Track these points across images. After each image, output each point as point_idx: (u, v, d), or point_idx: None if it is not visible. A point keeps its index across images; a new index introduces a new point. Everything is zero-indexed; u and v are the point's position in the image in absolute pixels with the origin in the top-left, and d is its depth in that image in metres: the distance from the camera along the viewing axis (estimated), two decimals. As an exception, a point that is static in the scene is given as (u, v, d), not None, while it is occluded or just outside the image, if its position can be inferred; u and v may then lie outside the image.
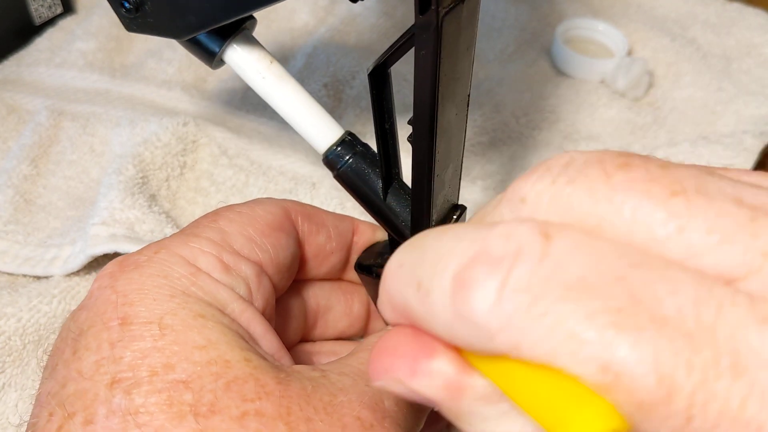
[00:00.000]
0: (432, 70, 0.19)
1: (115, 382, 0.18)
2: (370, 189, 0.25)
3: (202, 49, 0.25)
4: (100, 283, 0.21)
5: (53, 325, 0.31)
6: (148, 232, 0.33)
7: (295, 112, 0.25)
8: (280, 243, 0.24)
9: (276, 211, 0.24)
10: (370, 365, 0.14)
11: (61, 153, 0.41)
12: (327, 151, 0.25)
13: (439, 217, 0.25)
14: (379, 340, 0.14)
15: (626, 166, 0.12)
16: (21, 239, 0.36)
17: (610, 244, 0.11)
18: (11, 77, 0.47)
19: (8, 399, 0.29)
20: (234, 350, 0.19)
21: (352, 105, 0.43)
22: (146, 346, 0.19)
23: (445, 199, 0.25)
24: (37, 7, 0.50)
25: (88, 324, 0.20)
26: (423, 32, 0.19)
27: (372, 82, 0.23)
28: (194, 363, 0.18)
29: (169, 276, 0.21)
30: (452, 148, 0.24)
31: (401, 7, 0.52)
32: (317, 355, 0.28)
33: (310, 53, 0.46)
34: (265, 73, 0.25)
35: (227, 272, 0.22)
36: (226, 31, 0.24)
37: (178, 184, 0.39)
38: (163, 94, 0.45)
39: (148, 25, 0.24)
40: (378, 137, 0.24)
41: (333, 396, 0.20)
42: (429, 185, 0.22)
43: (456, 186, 0.26)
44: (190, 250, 0.22)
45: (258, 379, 0.19)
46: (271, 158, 0.40)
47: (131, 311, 0.19)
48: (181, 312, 0.20)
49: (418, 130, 0.21)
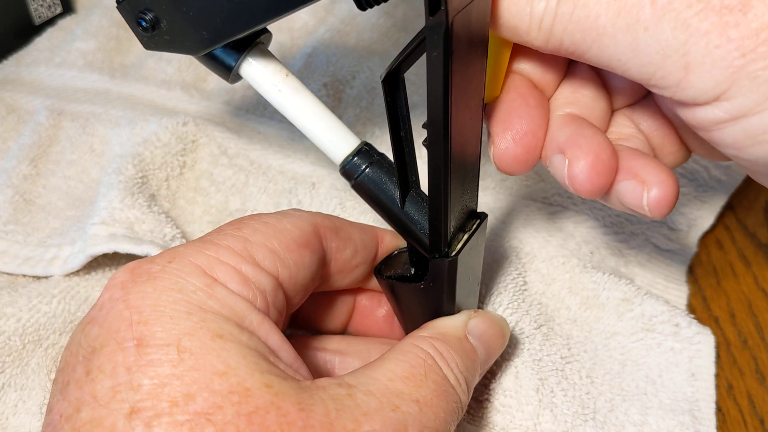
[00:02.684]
0: (444, 72, 0.19)
1: (134, 413, 0.17)
2: (387, 197, 0.25)
3: (219, 64, 0.25)
4: (112, 294, 0.20)
5: (53, 325, 0.31)
6: (147, 231, 0.33)
7: (311, 124, 0.25)
8: (303, 261, 0.23)
9: (304, 226, 0.24)
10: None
11: (61, 153, 0.41)
12: (344, 161, 0.25)
13: (457, 223, 0.25)
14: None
15: None
16: (21, 239, 0.35)
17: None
18: (11, 77, 0.47)
19: (8, 399, 0.29)
20: (254, 375, 0.19)
21: (352, 105, 0.43)
22: (165, 372, 0.18)
23: (463, 205, 0.25)
24: (36, 7, 0.50)
25: (100, 342, 0.19)
26: (433, 33, 0.19)
27: (386, 89, 0.23)
28: (215, 392, 0.18)
29: (184, 289, 0.20)
30: (468, 153, 0.23)
31: (401, 6, 0.52)
32: (323, 351, 0.27)
33: (309, 53, 0.46)
34: (282, 87, 0.25)
35: (245, 284, 0.21)
36: (241, 45, 0.25)
37: (178, 184, 0.39)
38: (162, 94, 0.45)
39: (164, 43, 0.25)
40: (393, 144, 0.24)
41: (357, 424, 0.19)
42: (446, 189, 0.22)
43: (474, 192, 0.25)
44: (207, 259, 0.21)
45: (279, 407, 0.18)
46: (270, 158, 0.40)
47: (147, 331, 0.19)
48: (199, 332, 0.19)
49: (432, 134, 0.21)
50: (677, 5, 0.19)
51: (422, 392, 0.21)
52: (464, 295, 0.26)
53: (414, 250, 0.26)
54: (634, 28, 0.19)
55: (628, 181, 0.23)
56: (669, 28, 0.19)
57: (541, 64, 0.25)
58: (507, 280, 0.33)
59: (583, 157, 0.23)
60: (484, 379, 0.30)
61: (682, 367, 0.31)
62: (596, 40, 0.20)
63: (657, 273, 0.35)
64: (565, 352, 0.31)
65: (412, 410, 0.21)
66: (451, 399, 0.22)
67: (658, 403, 0.29)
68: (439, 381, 0.22)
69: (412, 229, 0.25)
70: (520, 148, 0.24)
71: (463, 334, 0.25)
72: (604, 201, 0.25)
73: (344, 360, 0.27)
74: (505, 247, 0.35)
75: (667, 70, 0.20)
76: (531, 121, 0.24)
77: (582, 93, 0.25)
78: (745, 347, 0.32)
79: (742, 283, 0.35)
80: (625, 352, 0.31)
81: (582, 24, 0.20)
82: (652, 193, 0.23)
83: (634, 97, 0.26)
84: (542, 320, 0.32)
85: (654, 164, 0.23)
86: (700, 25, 0.19)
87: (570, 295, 0.33)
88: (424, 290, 0.25)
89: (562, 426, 0.28)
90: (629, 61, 0.20)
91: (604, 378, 0.30)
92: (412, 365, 0.22)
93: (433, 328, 0.25)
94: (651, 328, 0.32)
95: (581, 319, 0.33)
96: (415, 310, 0.27)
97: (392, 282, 0.26)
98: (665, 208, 0.23)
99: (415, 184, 0.25)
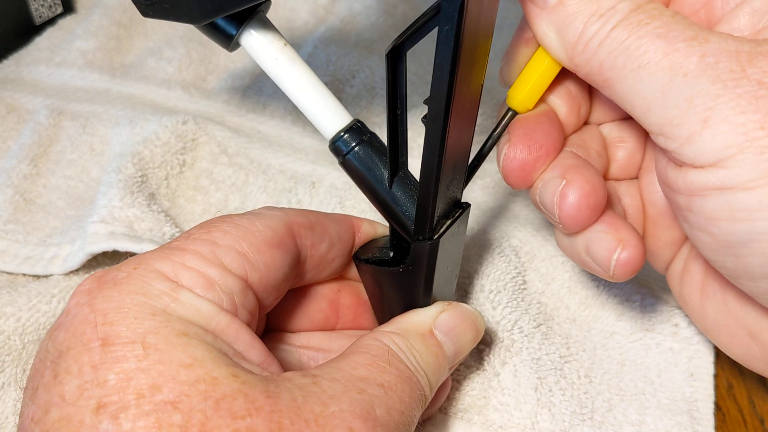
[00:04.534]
0: (454, 46, 0.20)
1: (101, 407, 0.18)
2: (375, 177, 0.25)
3: (220, 33, 0.25)
4: (78, 300, 0.20)
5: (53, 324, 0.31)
6: (147, 230, 0.33)
7: (304, 95, 0.25)
8: (274, 263, 0.23)
9: (277, 226, 0.24)
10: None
11: (61, 152, 0.41)
12: (334, 137, 0.25)
13: (443, 210, 0.25)
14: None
15: None
16: (20, 238, 0.36)
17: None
18: (11, 76, 0.47)
19: (8, 398, 0.29)
20: (220, 366, 0.19)
21: (352, 104, 0.43)
22: (130, 367, 0.18)
23: (450, 190, 0.25)
24: (37, 6, 0.50)
25: (66, 345, 0.19)
26: (449, 6, 0.19)
27: (389, 63, 0.23)
28: (181, 382, 0.18)
29: (149, 293, 0.20)
30: (462, 137, 0.24)
31: (401, 5, 0.52)
32: (305, 349, 0.27)
33: (310, 52, 0.46)
34: (278, 55, 0.25)
35: (210, 288, 0.21)
36: (242, 14, 0.24)
37: (178, 183, 0.39)
38: (162, 93, 0.45)
39: (164, 11, 0.24)
40: (389, 122, 0.24)
41: (324, 406, 0.19)
42: (438, 169, 0.22)
43: (461, 180, 0.26)
44: (172, 264, 0.21)
45: (247, 394, 0.19)
46: (270, 157, 0.40)
47: (112, 331, 0.19)
48: (163, 330, 0.19)
49: (433, 109, 0.22)
50: (722, 67, 0.20)
51: (386, 377, 0.22)
52: (441, 284, 0.26)
53: (395, 234, 0.26)
54: (675, 71, 0.21)
55: (604, 234, 0.24)
56: (707, 80, 0.20)
57: (571, 104, 0.26)
58: (506, 279, 0.33)
59: (580, 185, 0.24)
60: (483, 377, 0.30)
61: (680, 367, 0.31)
62: (634, 71, 0.21)
63: (657, 273, 0.35)
64: (563, 352, 0.31)
65: (377, 393, 0.21)
66: (415, 387, 0.23)
67: (657, 403, 0.29)
68: (402, 368, 0.23)
69: (397, 212, 0.25)
70: (531, 158, 0.25)
71: (428, 329, 0.25)
72: (566, 248, 0.26)
73: (328, 356, 0.27)
74: (504, 246, 0.35)
75: (686, 118, 0.20)
76: (548, 140, 0.25)
77: (591, 145, 0.27)
78: (744, 347, 0.32)
79: (741, 282, 0.35)
80: (623, 352, 0.31)
81: (629, 52, 0.21)
82: (624, 253, 0.24)
83: (635, 170, 0.28)
84: (541, 319, 0.32)
85: (632, 229, 0.25)
86: (736, 89, 0.20)
87: (569, 294, 0.33)
88: (402, 274, 0.25)
89: (560, 425, 0.28)
90: (655, 101, 0.21)
91: (603, 377, 0.30)
92: (374, 355, 0.23)
93: (397, 324, 0.25)
94: (650, 328, 0.32)
95: (580, 319, 0.33)
96: (390, 297, 0.27)
97: (370, 266, 0.26)
98: (630, 272, 0.24)
99: (404, 165, 0.25)
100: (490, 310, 0.31)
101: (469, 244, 0.35)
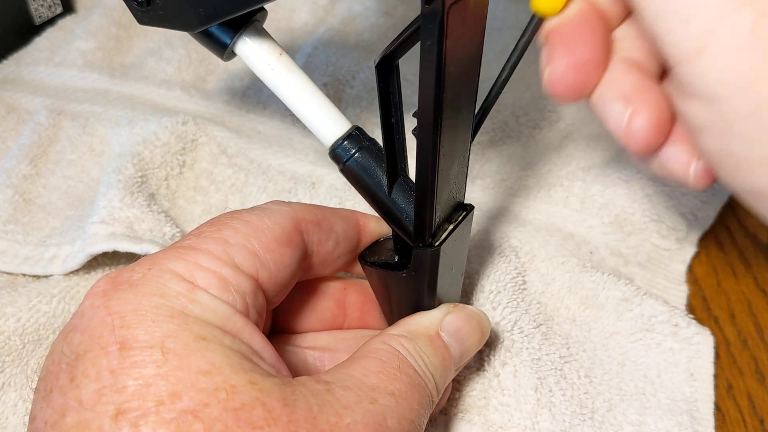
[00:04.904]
0: (437, 62, 0.19)
1: (120, 413, 0.17)
2: (375, 184, 0.25)
3: (214, 42, 0.25)
4: (92, 302, 0.20)
5: (53, 324, 0.31)
6: (147, 231, 0.33)
7: (303, 104, 0.25)
8: (283, 261, 0.23)
9: (285, 223, 0.24)
10: None
11: (61, 152, 0.41)
12: (333, 144, 0.25)
13: (444, 214, 0.25)
14: None
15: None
16: (20, 239, 0.35)
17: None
18: (11, 77, 0.47)
19: (8, 398, 0.29)
20: (239, 373, 0.19)
21: (352, 105, 0.43)
22: (149, 372, 0.18)
23: (450, 196, 0.25)
24: (37, 6, 0.50)
25: (83, 348, 0.19)
26: (429, 22, 0.19)
27: (379, 75, 0.23)
28: (201, 390, 0.18)
29: (166, 294, 0.20)
30: (458, 145, 0.23)
31: (401, 6, 0.52)
32: (313, 350, 0.27)
33: (309, 53, 0.46)
34: (275, 65, 0.25)
35: (225, 288, 0.21)
36: (237, 23, 0.24)
37: (178, 183, 0.39)
38: (162, 94, 0.45)
39: (159, 18, 0.24)
40: (384, 131, 0.24)
41: (339, 417, 0.19)
42: (433, 179, 0.22)
43: (462, 184, 0.25)
44: (186, 264, 0.21)
45: (264, 403, 0.18)
46: (270, 158, 0.40)
47: (129, 334, 0.19)
48: (182, 334, 0.19)
49: (422, 123, 0.21)
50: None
51: (396, 385, 0.22)
52: (446, 286, 0.26)
53: (399, 238, 0.26)
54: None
55: (678, 146, 0.23)
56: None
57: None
58: (506, 280, 0.33)
59: (647, 113, 0.22)
60: (483, 378, 0.30)
61: (680, 368, 0.31)
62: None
63: (656, 273, 0.35)
64: (564, 352, 0.31)
65: (389, 402, 0.21)
66: (424, 392, 0.23)
67: (657, 403, 0.29)
68: (411, 374, 0.23)
69: (398, 217, 0.25)
70: (580, 77, 0.22)
71: (434, 331, 0.25)
72: (641, 162, 0.24)
73: (334, 356, 0.27)
74: (504, 247, 0.35)
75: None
76: (595, 52, 0.23)
77: (641, 41, 0.24)
78: (744, 347, 0.32)
79: (742, 283, 0.35)
80: (624, 352, 0.31)
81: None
82: (702, 162, 0.22)
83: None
84: (541, 319, 0.32)
85: None
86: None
87: (569, 294, 0.33)
88: (406, 279, 0.25)
89: (560, 425, 0.28)
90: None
91: (603, 378, 0.30)
92: (384, 361, 0.22)
93: (405, 326, 0.25)
94: (650, 328, 0.32)
95: (580, 319, 0.33)
96: (397, 299, 0.27)
97: (376, 269, 0.26)
98: (711, 178, 0.22)
99: (404, 171, 0.25)
100: (490, 311, 0.31)
101: (469, 245, 0.35)
